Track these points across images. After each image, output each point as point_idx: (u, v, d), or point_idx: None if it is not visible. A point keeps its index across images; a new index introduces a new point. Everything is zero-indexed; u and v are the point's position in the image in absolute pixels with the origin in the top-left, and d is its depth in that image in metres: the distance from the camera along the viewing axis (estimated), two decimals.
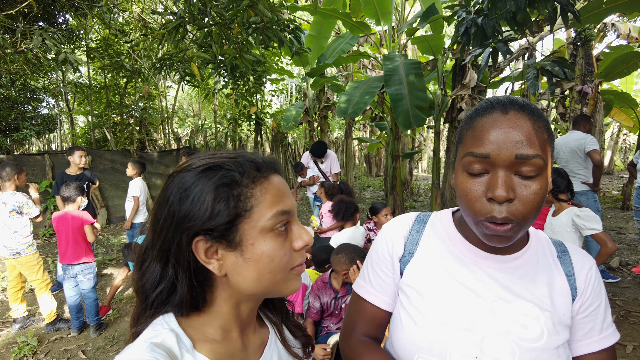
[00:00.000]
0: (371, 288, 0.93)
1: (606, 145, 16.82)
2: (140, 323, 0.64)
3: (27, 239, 3.58)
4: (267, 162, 0.67)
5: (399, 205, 7.38)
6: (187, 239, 0.59)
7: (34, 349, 3.33)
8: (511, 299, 0.78)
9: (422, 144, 14.07)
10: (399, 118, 5.29)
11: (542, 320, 0.76)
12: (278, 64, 10.69)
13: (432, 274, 0.84)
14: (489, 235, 0.72)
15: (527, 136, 0.68)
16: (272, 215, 0.62)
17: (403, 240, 0.90)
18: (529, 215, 0.70)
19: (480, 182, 0.72)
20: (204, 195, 0.59)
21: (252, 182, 0.62)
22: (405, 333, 0.82)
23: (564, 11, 2.97)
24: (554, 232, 2.81)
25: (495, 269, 0.81)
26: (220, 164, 0.62)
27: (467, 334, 0.76)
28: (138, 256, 0.66)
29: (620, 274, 4.59)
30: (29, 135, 10.02)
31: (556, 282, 0.81)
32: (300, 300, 2.39)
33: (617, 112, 8.98)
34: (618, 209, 8.38)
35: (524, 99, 0.75)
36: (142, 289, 0.64)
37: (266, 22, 3.54)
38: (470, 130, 0.75)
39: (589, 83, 6.41)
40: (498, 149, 0.69)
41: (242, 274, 0.62)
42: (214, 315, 0.66)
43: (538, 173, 0.69)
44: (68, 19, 8.04)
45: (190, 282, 0.62)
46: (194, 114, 19.90)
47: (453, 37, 5.18)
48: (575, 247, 0.87)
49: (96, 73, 11.60)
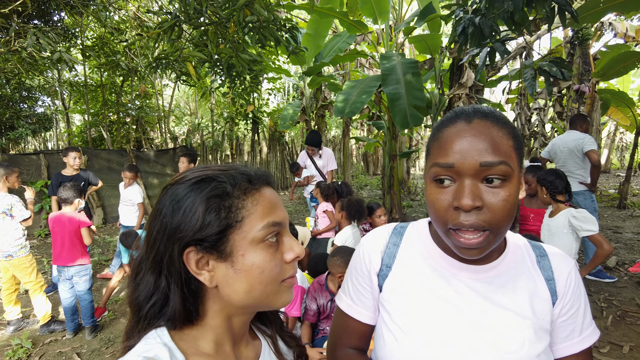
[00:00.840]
0: (352, 302, 0.93)
1: (603, 144, 16.87)
2: (133, 336, 0.64)
3: (19, 241, 3.53)
4: (259, 175, 0.68)
5: (396, 204, 7.38)
6: (179, 249, 0.60)
7: (28, 352, 3.30)
8: (491, 309, 0.77)
9: (419, 143, 14.06)
10: (397, 117, 5.28)
11: (524, 329, 0.75)
12: (275, 62, 10.66)
13: (411, 289, 0.83)
14: (461, 248, 0.71)
15: (491, 144, 0.68)
16: (263, 226, 0.62)
17: (380, 255, 0.90)
18: (500, 223, 0.69)
19: (448, 191, 0.71)
20: (196, 206, 0.60)
21: (243, 193, 0.63)
22: (388, 350, 0.82)
23: (561, 10, 2.96)
24: (551, 234, 2.80)
25: (474, 279, 0.80)
26: (213, 176, 0.63)
27: (449, 349, 0.76)
28: (132, 268, 0.66)
29: (617, 274, 4.59)
30: (25, 134, 9.96)
31: (536, 288, 0.80)
32: (298, 303, 2.37)
33: (614, 111, 8.99)
34: (615, 208, 8.40)
35: (489, 107, 0.75)
36: (136, 301, 0.64)
37: (262, 21, 3.51)
38: (436, 142, 0.75)
39: (586, 82, 6.42)
40: (462, 158, 0.69)
41: (232, 285, 0.62)
42: (206, 328, 0.66)
43: (505, 179, 0.68)
44: (63, 17, 7.98)
45: (182, 294, 0.62)
46: (190, 112, 19.83)
47: (450, 37, 5.18)
48: (554, 250, 0.86)
49: (92, 71, 11.53)
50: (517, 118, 7.91)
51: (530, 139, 8.29)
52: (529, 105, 7.96)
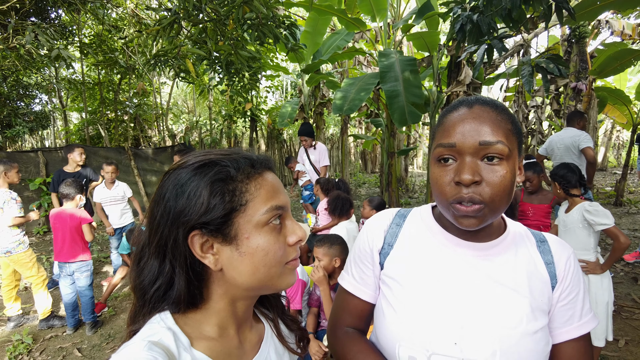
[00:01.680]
0: (353, 280, 0.97)
1: (600, 141, 16.94)
2: (137, 321, 0.64)
3: (16, 237, 3.55)
4: (261, 159, 0.69)
5: (395, 201, 7.40)
6: (184, 233, 0.61)
7: (29, 347, 3.31)
8: (490, 285, 0.80)
9: (417, 141, 14.10)
10: (395, 115, 5.29)
11: (521, 306, 0.78)
12: (273, 60, 10.64)
13: (412, 264, 0.87)
14: (459, 217, 0.76)
15: (490, 125, 0.75)
16: (267, 209, 0.64)
17: (383, 234, 0.94)
18: (497, 197, 0.74)
19: (450, 169, 0.77)
20: (200, 190, 0.61)
21: (246, 177, 0.64)
22: (387, 323, 0.85)
23: (558, 8, 2.98)
24: (566, 229, 2.76)
25: (474, 256, 0.84)
26: (216, 160, 0.64)
27: (447, 321, 0.79)
28: (135, 254, 0.67)
29: (612, 269, 4.63)
30: (22, 132, 9.93)
31: (536, 270, 0.83)
32: (299, 297, 2.39)
33: (611, 109, 9.03)
34: (611, 205, 8.45)
35: (489, 97, 0.82)
36: (140, 286, 0.64)
37: (261, 18, 3.52)
38: (440, 126, 0.82)
39: (583, 80, 6.44)
40: (463, 137, 0.75)
41: (237, 268, 0.63)
42: (211, 312, 0.67)
43: (502, 158, 0.74)
44: (61, 15, 7.96)
45: (187, 277, 0.63)
46: (188, 110, 19.79)
47: (448, 34, 5.20)
48: (553, 237, 0.90)
49: (90, 69, 11.50)
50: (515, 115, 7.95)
51: (528, 137, 8.32)
52: (526, 102, 7.99)
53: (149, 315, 0.64)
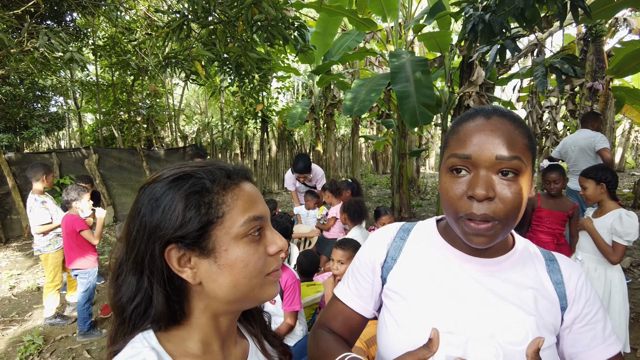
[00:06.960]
0: (348, 290, 0.97)
1: (617, 142, 16.56)
2: (118, 341, 0.63)
3: (46, 237, 3.68)
4: (237, 170, 0.68)
5: (406, 203, 7.34)
6: (160, 248, 0.60)
7: (39, 348, 3.35)
8: (495, 301, 0.78)
9: (429, 142, 13.95)
10: (406, 116, 5.24)
11: (527, 323, 0.76)
12: (284, 61, 10.66)
13: (416, 278, 0.85)
14: (470, 234, 0.73)
15: (507, 139, 0.72)
16: (245, 221, 0.62)
17: (386, 247, 0.93)
18: (510, 214, 0.71)
19: (462, 181, 0.74)
20: (175, 203, 0.60)
21: (222, 189, 0.63)
22: (390, 337, 0.84)
23: (574, 7, 2.90)
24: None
25: (480, 272, 0.81)
26: (191, 172, 0.63)
27: (451, 336, 0.76)
28: (113, 271, 0.66)
29: (630, 275, 4.50)
30: (38, 133, 10.15)
31: (542, 289, 0.81)
32: (297, 297, 2.38)
33: (629, 109, 8.82)
34: (630, 208, 8.25)
35: (507, 108, 0.79)
36: (119, 303, 0.63)
37: (271, 19, 3.51)
38: (454, 135, 0.78)
39: (599, 79, 6.28)
40: (479, 150, 0.72)
41: (216, 280, 0.62)
42: (194, 328, 0.65)
43: (517, 174, 0.72)
44: (75, 18, 8.08)
45: (165, 293, 0.61)
46: (200, 111, 19.96)
47: (460, 34, 5.12)
48: (563, 257, 0.88)
49: (103, 71, 11.67)
50: (529, 116, 7.80)
51: (542, 138, 8.17)
52: (540, 103, 7.85)
53: (130, 335, 0.62)
